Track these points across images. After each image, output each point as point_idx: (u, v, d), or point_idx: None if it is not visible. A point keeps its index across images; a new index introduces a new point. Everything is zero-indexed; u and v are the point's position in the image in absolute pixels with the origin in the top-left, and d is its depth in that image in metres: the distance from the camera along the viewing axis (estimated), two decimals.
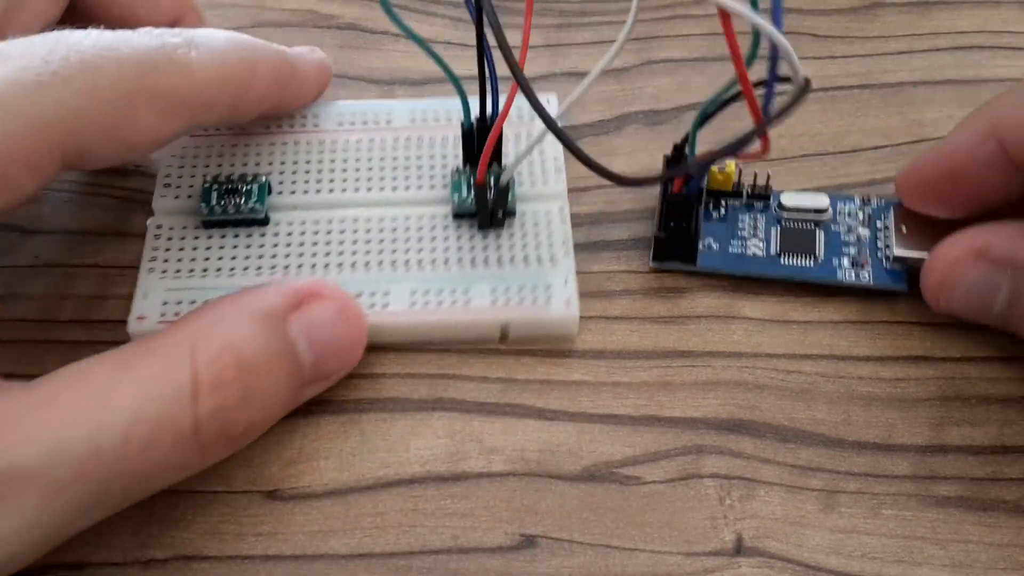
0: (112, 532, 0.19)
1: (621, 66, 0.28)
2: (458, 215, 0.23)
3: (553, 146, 0.24)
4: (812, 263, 0.22)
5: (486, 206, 0.22)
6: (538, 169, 0.24)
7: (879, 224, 0.23)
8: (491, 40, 0.18)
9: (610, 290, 0.23)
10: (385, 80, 0.27)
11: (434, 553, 0.19)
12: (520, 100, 0.24)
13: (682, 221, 0.22)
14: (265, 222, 0.22)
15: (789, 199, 0.23)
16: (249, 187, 0.22)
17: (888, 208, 0.23)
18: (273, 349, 0.17)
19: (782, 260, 0.22)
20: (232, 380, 0.16)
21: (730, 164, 0.23)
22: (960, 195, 0.21)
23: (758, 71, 0.17)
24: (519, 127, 0.24)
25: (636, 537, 0.19)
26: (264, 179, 0.23)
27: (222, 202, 0.22)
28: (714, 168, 0.23)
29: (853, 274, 0.22)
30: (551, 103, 0.24)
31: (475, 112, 0.22)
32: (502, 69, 0.18)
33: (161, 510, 0.19)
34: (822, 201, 0.23)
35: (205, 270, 0.22)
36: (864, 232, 0.23)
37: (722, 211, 0.23)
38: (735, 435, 0.21)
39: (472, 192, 0.22)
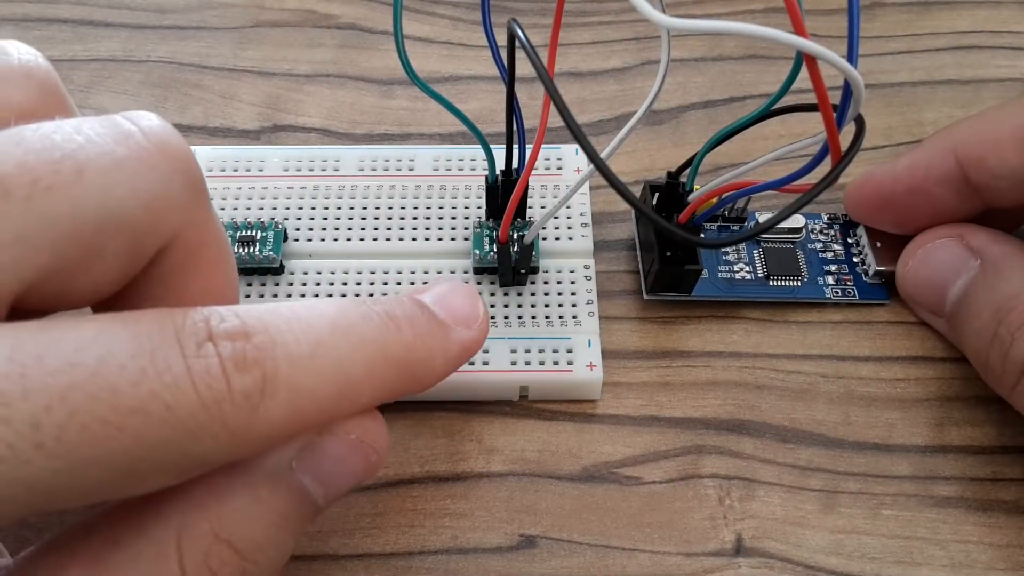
0: None
1: (621, 66, 0.28)
2: (479, 270, 0.22)
3: (580, 200, 0.23)
4: (799, 283, 0.22)
5: (509, 264, 0.21)
6: (564, 224, 0.23)
7: (850, 239, 0.23)
8: (515, 92, 0.18)
9: (610, 290, 0.23)
10: (385, 80, 0.27)
11: (434, 553, 0.19)
12: (544, 151, 0.24)
13: (679, 250, 0.21)
14: (280, 271, 0.22)
15: (764, 218, 0.23)
16: (265, 234, 0.22)
17: (857, 224, 0.23)
18: (278, 510, 0.15)
19: (771, 282, 0.22)
20: (232, 565, 0.14)
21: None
22: (912, 212, 0.22)
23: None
24: (545, 178, 0.24)
25: (636, 537, 0.19)
26: (281, 226, 0.22)
27: (236, 249, 0.21)
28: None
29: (839, 291, 0.22)
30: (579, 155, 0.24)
31: (500, 164, 0.21)
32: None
33: None
34: (797, 220, 0.23)
35: None
36: (839, 248, 0.23)
37: (701, 236, 0.23)
38: (735, 435, 0.21)
39: (494, 247, 0.21)
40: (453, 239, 0.23)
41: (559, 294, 0.22)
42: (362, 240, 0.22)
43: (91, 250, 0.12)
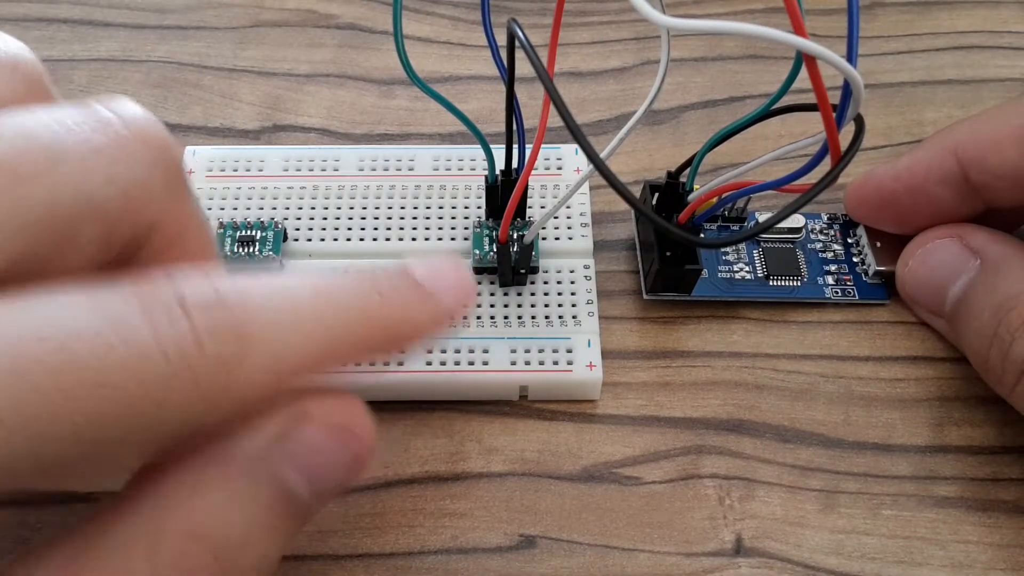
0: None
1: (621, 66, 0.28)
2: (479, 270, 0.22)
3: (580, 200, 0.23)
4: (799, 283, 0.22)
5: (508, 264, 0.21)
6: (563, 224, 0.23)
7: (850, 239, 0.23)
8: (515, 92, 0.18)
9: (610, 290, 0.23)
10: (385, 80, 0.27)
11: (433, 553, 0.19)
12: (544, 151, 0.24)
13: (679, 250, 0.21)
14: (280, 271, 0.22)
15: (764, 218, 0.23)
16: (265, 234, 0.22)
17: (857, 224, 0.23)
18: (258, 505, 0.14)
19: (771, 282, 0.22)
20: (206, 565, 0.13)
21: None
22: (912, 212, 0.22)
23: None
24: (545, 178, 0.24)
25: (636, 537, 0.19)
26: (281, 226, 0.22)
27: (236, 249, 0.21)
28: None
29: (839, 291, 0.22)
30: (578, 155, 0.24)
31: (499, 164, 0.21)
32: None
33: None
34: (797, 220, 0.23)
35: None
36: (839, 248, 0.23)
37: (701, 236, 0.23)
38: (735, 435, 0.21)
39: (494, 247, 0.21)
40: (453, 239, 0.22)
41: (559, 294, 0.22)
42: (362, 240, 0.22)
43: (65, 236, 0.12)
